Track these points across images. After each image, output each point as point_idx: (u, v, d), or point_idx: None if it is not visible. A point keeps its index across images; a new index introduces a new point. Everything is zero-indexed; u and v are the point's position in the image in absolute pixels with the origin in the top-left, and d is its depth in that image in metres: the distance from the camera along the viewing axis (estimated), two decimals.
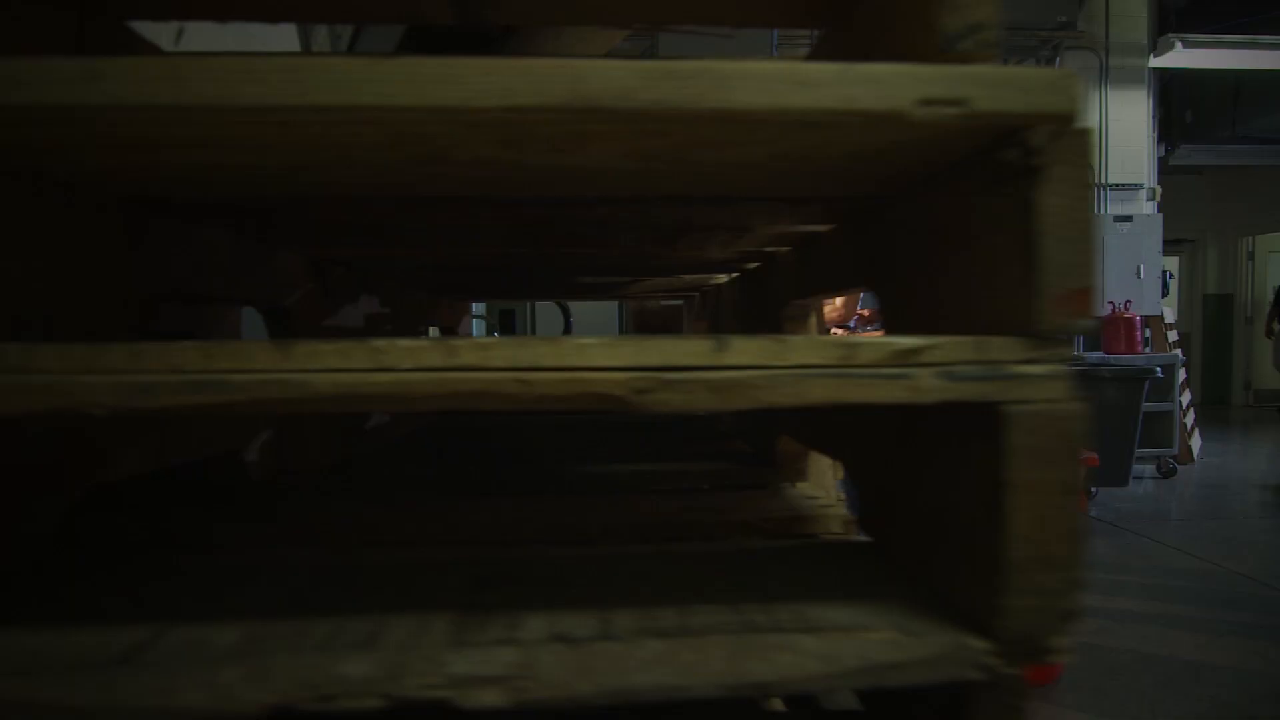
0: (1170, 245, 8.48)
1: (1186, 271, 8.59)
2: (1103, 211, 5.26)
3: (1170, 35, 4.94)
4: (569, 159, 0.38)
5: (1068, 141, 0.33)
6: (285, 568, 0.41)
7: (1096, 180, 5.32)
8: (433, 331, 1.35)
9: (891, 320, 0.47)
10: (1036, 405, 0.31)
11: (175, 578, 0.43)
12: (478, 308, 4.24)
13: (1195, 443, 5.43)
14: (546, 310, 4.06)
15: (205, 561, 0.46)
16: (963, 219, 0.38)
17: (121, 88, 0.33)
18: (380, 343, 0.32)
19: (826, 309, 3.16)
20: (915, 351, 0.32)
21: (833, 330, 3.14)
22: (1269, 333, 7.10)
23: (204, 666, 0.30)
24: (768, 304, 0.78)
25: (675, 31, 0.58)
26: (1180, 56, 4.96)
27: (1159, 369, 4.04)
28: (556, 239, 0.65)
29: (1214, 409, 8.02)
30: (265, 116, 0.33)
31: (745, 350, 0.32)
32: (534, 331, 4.96)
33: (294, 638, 0.32)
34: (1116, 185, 5.32)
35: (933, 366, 0.31)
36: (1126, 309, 4.96)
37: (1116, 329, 4.90)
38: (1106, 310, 5.01)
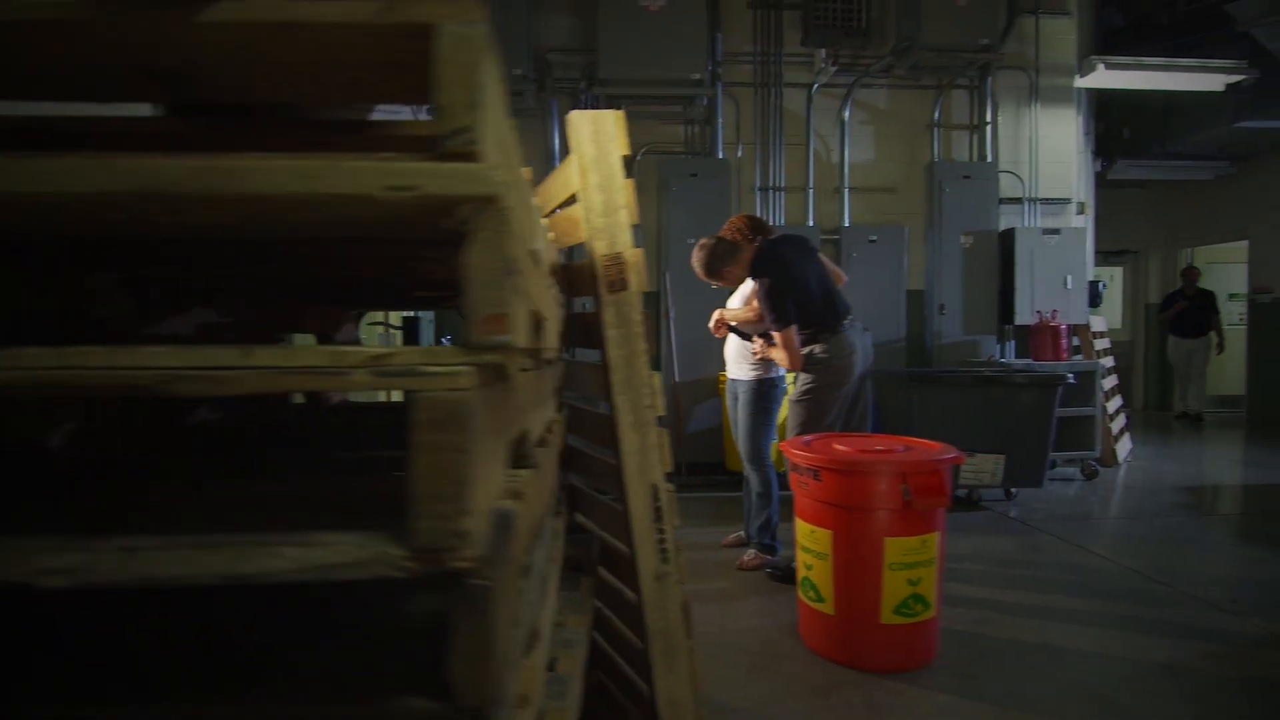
0: (1114, 256, 8.77)
1: (1130, 281, 8.88)
2: (1031, 224, 5.49)
3: (1093, 57, 5.18)
4: (187, 219, 0.53)
5: (489, 215, 0.48)
6: None
7: (1024, 194, 5.55)
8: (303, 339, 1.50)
9: None
10: (435, 393, 0.46)
11: None
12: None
13: (1123, 446, 5.65)
14: None
15: None
16: None
17: None
18: (13, 351, 0.48)
19: (745, 313, 3.32)
20: (384, 356, 0.48)
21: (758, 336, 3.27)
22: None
23: None
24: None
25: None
26: (1103, 77, 5.21)
27: (1071, 375, 4.24)
28: (308, 263, 0.81)
29: (1157, 414, 8.29)
30: None
31: (266, 355, 0.47)
32: None
33: None
34: (1046, 199, 5.55)
35: (376, 367, 0.46)
36: (1054, 318, 5.18)
37: (1043, 337, 5.12)
38: (1034, 319, 5.23)
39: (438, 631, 0.56)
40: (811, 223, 5.41)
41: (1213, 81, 5.38)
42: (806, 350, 2.97)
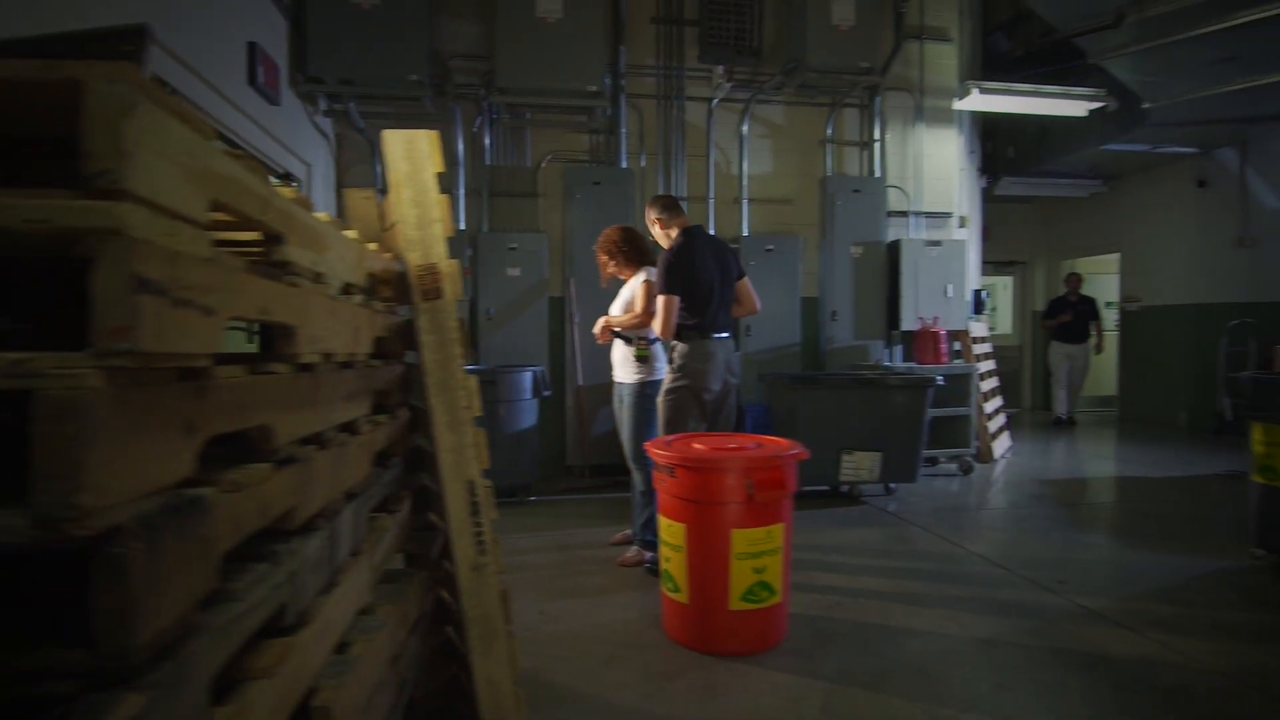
0: (1004, 266, 9.35)
1: (1019, 290, 9.50)
2: (915, 236, 5.84)
3: (968, 82, 5.57)
4: None
5: (115, 244, 0.59)
6: None
7: (910, 207, 5.91)
8: None
9: None
10: (53, 391, 0.56)
11: None
12: None
13: (1001, 443, 6.06)
14: None
15: None
16: None
17: None
18: None
19: (628, 319, 3.49)
20: (21, 361, 0.57)
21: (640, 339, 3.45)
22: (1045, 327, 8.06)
23: None
24: None
25: None
26: (978, 101, 5.60)
27: (941, 377, 4.54)
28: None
29: (1043, 414, 8.88)
30: None
31: None
32: None
33: None
34: (929, 213, 5.92)
35: (11, 371, 0.56)
36: (935, 324, 5.53)
37: (925, 342, 5.46)
38: (917, 325, 5.57)
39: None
40: (713, 231, 5.61)
41: (1076, 107, 5.85)
42: (671, 344, 3.19)
